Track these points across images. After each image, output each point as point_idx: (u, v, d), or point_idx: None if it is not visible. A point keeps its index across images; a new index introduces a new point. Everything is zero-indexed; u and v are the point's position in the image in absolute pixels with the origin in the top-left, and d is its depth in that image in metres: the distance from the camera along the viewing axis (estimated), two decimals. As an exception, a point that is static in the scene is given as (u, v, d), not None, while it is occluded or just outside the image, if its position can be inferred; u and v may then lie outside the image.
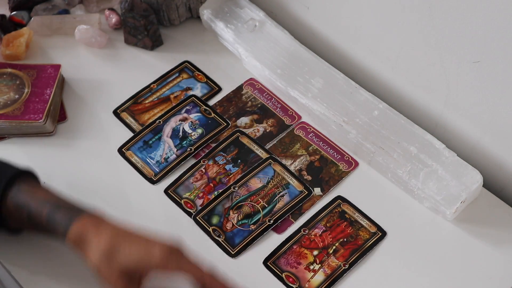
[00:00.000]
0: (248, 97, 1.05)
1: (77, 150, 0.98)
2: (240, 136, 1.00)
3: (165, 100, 1.05)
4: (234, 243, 0.89)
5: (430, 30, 0.89)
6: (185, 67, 1.09)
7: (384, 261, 0.88)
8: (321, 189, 0.95)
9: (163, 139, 0.99)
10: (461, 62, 0.88)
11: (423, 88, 0.98)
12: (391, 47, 0.98)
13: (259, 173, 0.96)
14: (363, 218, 0.91)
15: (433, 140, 0.93)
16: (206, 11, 1.10)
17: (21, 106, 0.98)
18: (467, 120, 0.94)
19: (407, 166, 0.92)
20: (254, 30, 1.07)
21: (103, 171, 0.96)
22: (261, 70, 1.04)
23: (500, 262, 0.87)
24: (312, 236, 0.90)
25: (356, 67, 1.06)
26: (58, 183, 0.94)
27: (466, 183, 0.89)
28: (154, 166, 0.97)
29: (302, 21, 1.10)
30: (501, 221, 0.91)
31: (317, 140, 1.00)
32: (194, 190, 0.94)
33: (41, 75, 1.02)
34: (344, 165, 0.97)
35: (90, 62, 1.09)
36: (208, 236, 0.90)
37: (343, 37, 1.06)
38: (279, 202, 0.93)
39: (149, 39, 1.09)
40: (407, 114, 0.98)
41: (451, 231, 0.91)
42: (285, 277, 0.86)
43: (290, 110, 1.03)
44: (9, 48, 1.06)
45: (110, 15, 1.13)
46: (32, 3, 1.14)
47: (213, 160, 0.97)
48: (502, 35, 0.81)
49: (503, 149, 0.93)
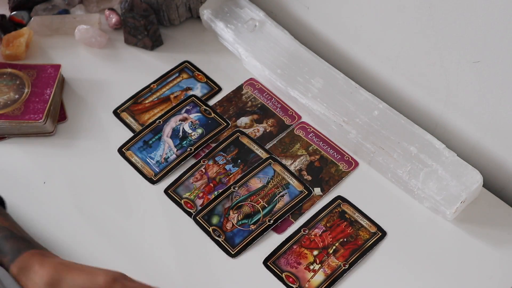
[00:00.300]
0: (248, 97, 1.05)
1: (77, 150, 0.98)
2: (240, 136, 1.00)
3: (165, 100, 1.05)
4: (234, 243, 0.89)
5: (430, 30, 0.89)
6: (185, 67, 1.09)
7: (384, 261, 0.88)
8: (321, 189, 0.95)
9: (163, 139, 0.99)
10: (461, 62, 0.88)
11: (423, 88, 0.98)
12: (391, 47, 0.98)
13: (259, 173, 0.96)
14: (363, 218, 0.91)
15: (433, 140, 0.93)
16: (206, 11, 1.10)
17: (21, 106, 0.98)
18: (467, 120, 0.94)
19: (407, 166, 0.92)
20: (254, 30, 1.07)
21: (103, 171, 0.96)
22: (261, 70, 1.04)
23: (500, 262, 0.87)
24: (312, 236, 0.90)
25: (356, 67, 1.06)
26: (58, 183, 0.94)
27: (466, 183, 0.89)
28: (154, 166, 0.97)
29: (302, 21, 1.10)
30: (501, 221, 0.91)
31: (317, 140, 1.00)
32: (194, 190, 0.94)
33: (41, 75, 1.02)
34: (344, 165, 0.97)
35: (90, 62, 1.09)
36: (208, 236, 0.90)
37: (343, 37, 1.06)
38: (279, 202, 0.93)
39: (149, 39, 1.09)
40: (407, 114, 0.98)
41: (451, 231, 0.90)
42: (285, 277, 0.86)
43: (290, 110, 1.03)
44: (9, 48, 1.06)
45: (110, 15, 1.13)
46: (32, 3, 1.13)
47: (213, 160, 0.97)
48: (502, 35, 0.81)
49: (503, 149, 0.93)
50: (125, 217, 0.91)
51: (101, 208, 0.92)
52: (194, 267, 0.88)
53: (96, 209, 0.92)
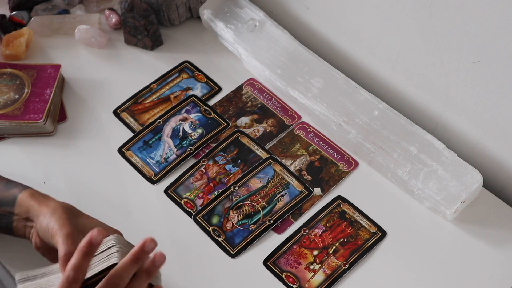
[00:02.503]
0: (248, 97, 1.05)
1: (77, 150, 0.98)
2: (240, 136, 1.00)
3: (165, 100, 1.05)
4: (234, 243, 0.89)
5: (430, 30, 0.89)
6: (185, 67, 1.09)
7: (384, 261, 0.88)
8: (321, 189, 0.95)
9: (163, 139, 0.99)
10: (461, 62, 0.88)
11: (423, 88, 0.98)
12: (391, 47, 0.98)
13: (259, 173, 0.96)
14: (363, 218, 0.91)
15: (433, 140, 0.93)
16: (206, 11, 1.10)
17: (21, 106, 0.98)
18: (467, 120, 0.94)
19: (407, 166, 0.92)
20: (254, 30, 1.07)
21: (103, 171, 0.96)
22: (261, 70, 1.04)
23: (500, 262, 0.87)
24: (312, 236, 0.90)
25: (356, 67, 1.06)
26: (58, 183, 0.94)
27: (466, 183, 0.89)
28: (154, 166, 0.97)
29: (302, 21, 1.10)
30: (501, 221, 0.91)
31: (317, 140, 1.00)
32: (194, 190, 0.94)
33: (41, 75, 1.02)
34: (344, 165, 0.97)
35: (90, 62, 1.09)
36: (208, 236, 0.90)
37: (343, 37, 1.06)
38: (279, 202, 0.93)
39: (149, 39, 1.09)
40: (407, 114, 0.98)
41: (451, 231, 0.90)
42: (285, 277, 0.86)
43: (290, 110, 1.03)
44: (9, 48, 1.06)
45: (110, 15, 1.13)
46: (32, 3, 1.13)
47: (213, 160, 0.97)
48: (502, 35, 0.81)
49: (503, 149, 0.93)
50: (125, 217, 0.91)
51: (101, 208, 0.91)
52: (194, 267, 0.88)
53: (96, 209, 0.92)
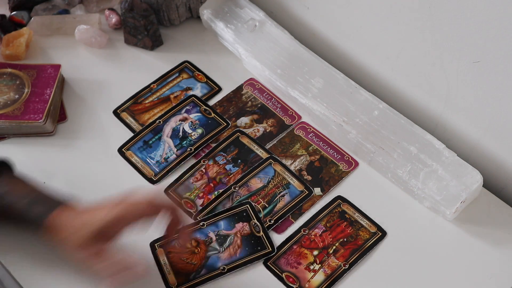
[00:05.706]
0: (248, 97, 1.05)
1: (77, 150, 0.98)
2: (240, 136, 1.00)
3: (165, 100, 1.05)
4: (234, 243, 0.89)
5: (430, 30, 0.89)
6: (185, 67, 1.09)
7: (384, 261, 0.88)
8: (321, 189, 0.95)
9: (163, 139, 0.99)
10: (461, 62, 0.88)
11: (423, 88, 0.98)
12: (391, 47, 0.98)
13: (260, 173, 0.96)
14: (363, 218, 0.91)
15: (433, 140, 0.93)
16: (206, 11, 1.10)
17: (21, 106, 0.98)
18: (467, 120, 0.94)
19: (407, 166, 0.92)
20: (254, 30, 1.07)
21: (103, 171, 0.96)
22: (261, 70, 1.04)
23: (500, 262, 0.88)
24: (312, 236, 0.90)
25: (356, 67, 1.06)
26: (58, 183, 0.94)
27: (466, 183, 0.89)
28: (154, 166, 0.97)
29: (302, 21, 1.11)
30: (501, 221, 0.91)
31: (317, 140, 1.00)
32: (194, 190, 0.94)
33: (41, 75, 1.02)
34: (344, 165, 0.97)
35: (90, 62, 1.09)
36: (208, 236, 0.90)
37: (343, 37, 1.06)
38: (279, 202, 0.93)
39: (149, 39, 1.09)
40: (407, 114, 0.98)
41: (451, 231, 0.91)
42: (285, 277, 0.86)
43: (290, 110, 1.03)
44: (9, 48, 1.06)
45: (110, 15, 1.13)
46: (32, 3, 1.14)
47: (213, 160, 0.97)
48: (502, 35, 0.81)
49: (503, 149, 0.93)
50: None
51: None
52: (194, 267, 0.88)
53: (96, 209, 0.92)
